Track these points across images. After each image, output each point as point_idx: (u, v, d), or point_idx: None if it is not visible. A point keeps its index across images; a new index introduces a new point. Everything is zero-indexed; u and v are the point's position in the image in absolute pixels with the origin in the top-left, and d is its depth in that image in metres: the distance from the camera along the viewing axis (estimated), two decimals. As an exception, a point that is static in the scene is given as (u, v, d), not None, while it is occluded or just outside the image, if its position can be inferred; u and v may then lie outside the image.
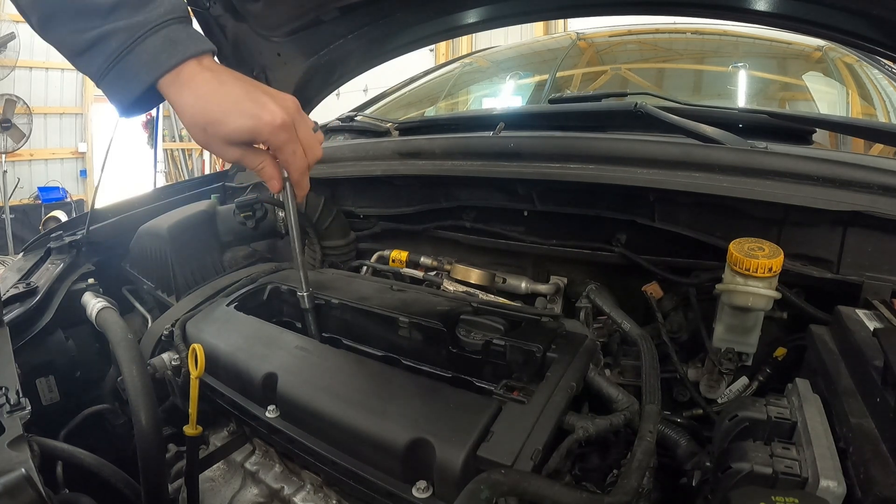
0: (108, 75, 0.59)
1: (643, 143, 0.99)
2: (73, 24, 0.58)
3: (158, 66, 0.59)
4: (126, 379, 0.84)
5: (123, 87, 0.60)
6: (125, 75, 0.59)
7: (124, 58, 0.58)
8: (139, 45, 0.58)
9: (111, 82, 0.60)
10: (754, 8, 0.94)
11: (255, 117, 0.62)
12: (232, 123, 0.61)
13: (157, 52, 0.59)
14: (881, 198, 0.80)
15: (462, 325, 0.86)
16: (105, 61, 0.58)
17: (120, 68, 0.58)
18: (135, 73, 0.59)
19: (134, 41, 0.58)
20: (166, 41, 0.59)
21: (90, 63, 0.59)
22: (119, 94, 0.60)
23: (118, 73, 0.59)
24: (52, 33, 0.59)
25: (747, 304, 0.78)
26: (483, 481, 0.54)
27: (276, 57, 1.39)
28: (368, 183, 1.36)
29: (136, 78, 0.59)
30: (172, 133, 8.73)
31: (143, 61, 0.58)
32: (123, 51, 0.58)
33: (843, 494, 0.51)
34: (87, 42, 0.58)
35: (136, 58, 0.58)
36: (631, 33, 2.07)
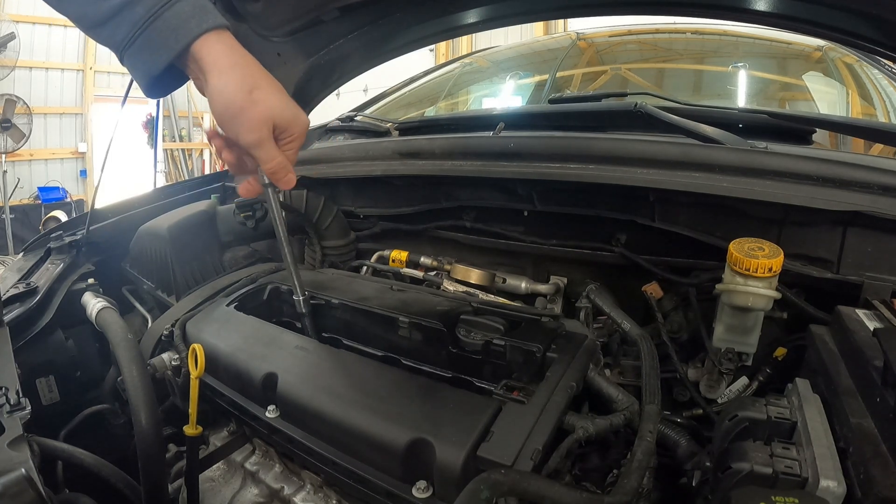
0: (134, 45, 0.56)
1: (643, 143, 0.99)
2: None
3: (189, 31, 0.56)
4: (126, 379, 0.84)
5: (150, 57, 0.57)
6: (152, 44, 0.56)
7: (151, 24, 0.55)
8: (168, 10, 0.56)
9: (136, 52, 0.57)
10: (754, 8, 0.94)
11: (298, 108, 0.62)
12: (280, 98, 0.61)
13: (187, 17, 0.56)
14: (881, 198, 0.80)
15: (462, 325, 0.86)
16: (131, 29, 0.56)
17: (147, 36, 0.56)
18: (164, 40, 0.56)
19: (163, 6, 0.55)
20: (195, 7, 0.57)
21: (114, 32, 0.57)
22: (145, 65, 0.58)
23: (145, 41, 0.56)
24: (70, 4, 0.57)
25: (747, 304, 0.78)
26: (483, 481, 0.54)
27: (276, 57, 1.39)
28: (368, 183, 1.35)
29: (166, 45, 0.56)
30: (172, 133, 8.73)
31: (173, 26, 0.56)
32: (151, 16, 0.55)
33: (843, 494, 0.51)
34: (110, 10, 0.55)
35: (165, 23, 0.56)
36: (631, 33, 2.07)
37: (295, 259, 0.90)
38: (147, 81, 0.59)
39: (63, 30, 7.12)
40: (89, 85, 7.49)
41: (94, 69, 7.51)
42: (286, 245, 0.86)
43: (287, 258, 0.87)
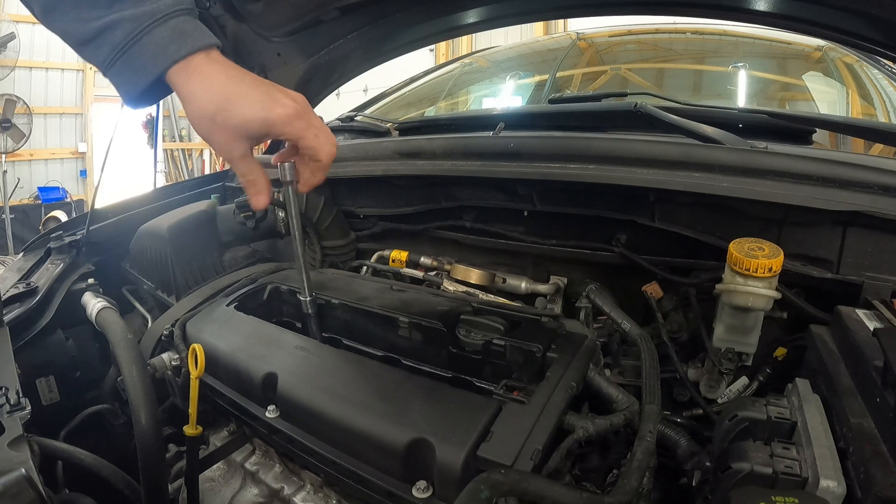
0: (115, 65, 0.58)
1: (643, 143, 0.99)
2: (76, 12, 0.56)
3: (167, 57, 0.58)
4: (126, 379, 0.84)
5: (130, 77, 0.58)
6: (132, 66, 0.58)
7: (131, 48, 0.57)
8: (146, 36, 0.57)
9: (118, 72, 0.58)
10: (754, 8, 0.94)
11: (267, 108, 0.61)
12: (245, 113, 0.60)
13: (165, 43, 0.57)
14: (881, 198, 0.80)
15: (462, 325, 0.86)
16: (111, 51, 0.57)
17: (127, 58, 0.57)
18: (142, 64, 0.57)
19: (141, 31, 0.57)
20: (175, 32, 0.58)
21: (96, 52, 0.58)
22: (126, 84, 0.59)
23: (125, 63, 0.58)
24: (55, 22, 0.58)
25: (747, 304, 0.78)
26: (483, 481, 0.54)
27: (276, 57, 1.39)
28: (368, 183, 1.35)
29: (144, 69, 0.58)
30: (172, 133, 8.73)
31: (151, 52, 0.57)
32: (130, 41, 0.57)
33: (843, 494, 0.51)
34: (92, 31, 0.57)
35: (143, 48, 0.57)
36: (631, 33, 2.07)
37: (307, 259, 0.90)
38: (129, 98, 0.61)
39: (63, 30, 7.12)
40: (89, 85, 7.49)
41: (94, 69, 7.51)
42: (300, 245, 0.86)
43: (299, 258, 0.87)
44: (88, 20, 0.56)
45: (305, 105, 0.65)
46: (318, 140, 0.66)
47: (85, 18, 0.56)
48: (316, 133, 0.65)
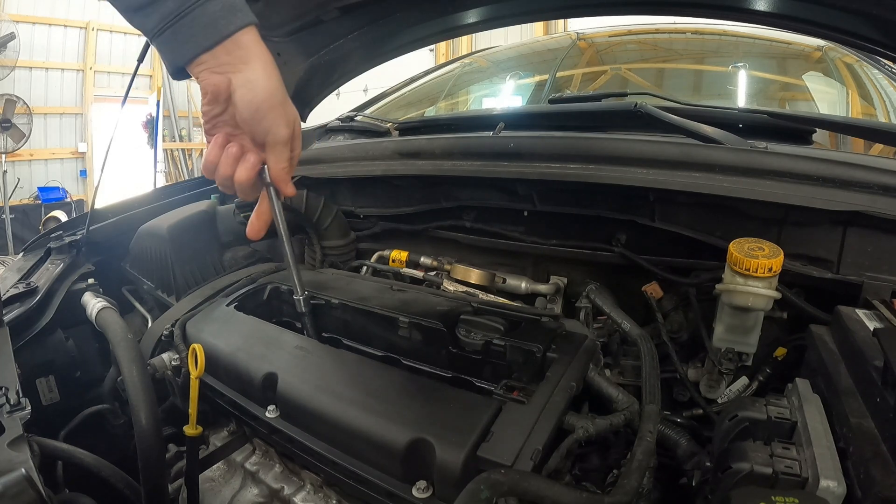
0: (163, 34, 0.58)
1: (643, 143, 0.99)
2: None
3: (217, 31, 0.58)
4: (126, 379, 0.84)
5: (177, 48, 0.59)
6: (180, 37, 0.58)
7: (181, 19, 0.57)
8: (198, 8, 0.57)
9: (165, 42, 0.59)
10: (754, 8, 0.94)
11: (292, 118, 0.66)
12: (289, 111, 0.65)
13: (217, 17, 0.58)
14: (881, 198, 0.80)
15: (462, 325, 0.86)
16: (160, 21, 0.57)
17: (175, 29, 0.57)
18: (192, 36, 0.58)
19: (193, 4, 0.57)
20: (226, 6, 0.59)
21: (145, 20, 0.58)
22: (172, 54, 0.59)
23: (174, 33, 0.58)
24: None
25: (747, 304, 0.78)
26: (483, 481, 0.54)
27: (276, 57, 1.38)
28: (368, 183, 1.35)
29: (193, 41, 0.58)
30: (172, 133, 8.73)
31: (203, 24, 0.58)
32: (182, 12, 0.57)
33: (843, 494, 0.51)
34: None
35: (194, 20, 0.57)
36: (631, 33, 2.07)
37: (296, 258, 0.90)
38: (173, 68, 0.61)
39: (63, 30, 7.13)
40: (89, 85, 7.49)
41: (94, 69, 7.52)
42: (288, 244, 0.86)
43: (288, 257, 0.87)
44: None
45: None
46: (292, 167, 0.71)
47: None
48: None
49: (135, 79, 1.31)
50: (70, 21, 7.14)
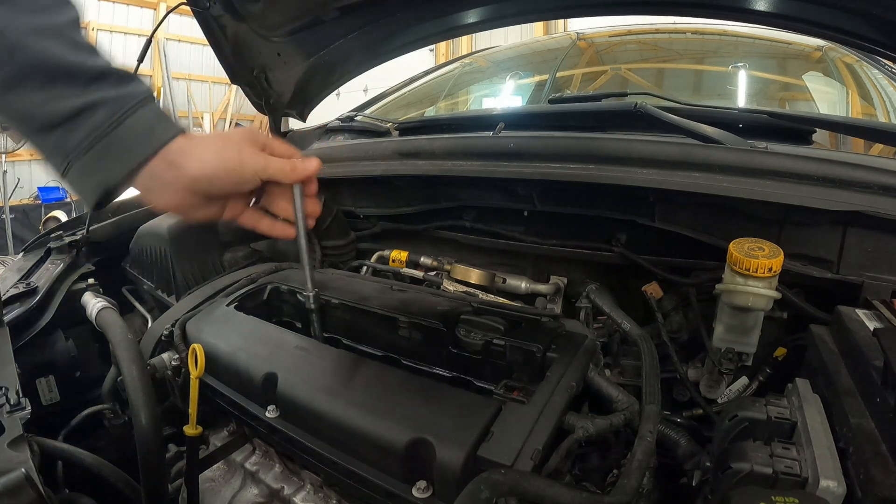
0: (91, 151, 0.51)
1: (643, 143, 0.99)
2: (45, 91, 0.49)
3: (157, 138, 0.53)
4: (126, 379, 0.84)
5: (109, 165, 0.52)
6: (114, 149, 0.52)
7: (114, 130, 0.51)
8: (132, 116, 0.52)
9: (91, 161, 0.51)
10: (754, 8, 0.94)
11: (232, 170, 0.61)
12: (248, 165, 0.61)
13: (153, 123, 0.53)
14: (881, 198, 0.80)
15: (462, 325, 0.86)
16: (89, 134, 0.50)
17: (109, 141, 0.51)
18: (128, 146, 0.52)
19: (126, 111, 0.52)
20: (159, 115, 0.54)
21: (65, 137, 0.51)
22: (101, 174, 0.52)
23: (105, 147, 0.51)
24: (15, 102, 0.49)
25: (747, 304, 0.78)
26: (483, 481, 0.54)
27: (276, 57, 1.39)
28: (368, 183, 1.35)
29: (130, 151, 0.52)
30: (172, 133, 8.73)
31: (139, 132, 0.52)
32: (114, 122, 0.51)
33: (843, 494, 0.51)
34: (64, 113, 0.50)
35: (128, 130, 0.52)
36: (631, 33, 2.07)
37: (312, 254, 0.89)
38: (100, 192, 0.53)
39: (63, 30, 7.12)
40: (89, 85, 7.48)
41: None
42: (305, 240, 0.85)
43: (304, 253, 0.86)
44: (61, 99, 0.49)
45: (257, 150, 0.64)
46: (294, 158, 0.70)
47: (57, 97, 0.49)
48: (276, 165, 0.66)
49: (135, 79, 1.30)
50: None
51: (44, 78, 0.49)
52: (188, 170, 0.56)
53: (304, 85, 1.48)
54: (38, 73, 0.49)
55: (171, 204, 0.58)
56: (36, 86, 0.49)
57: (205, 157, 0.57)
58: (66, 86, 0.50)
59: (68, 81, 0.50)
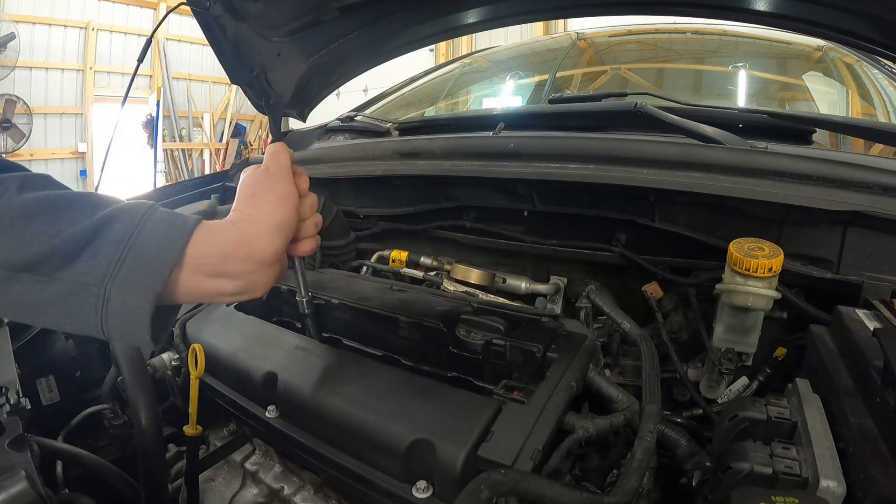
0: (121, 270, 0.44)
1: (643, 143, 0.99)
2: (56, 222, 0.44)
3: (182, 230, 0.47)
4: (126, 379, 0.84)
5: (144, 275, 0.45)
6: (144, 257, 0.45)
7: (138, 237, 0.45)
8: (149, 221, 0.46)
9: (126, 279, 0.44)
10: (754, 8, 0.94)
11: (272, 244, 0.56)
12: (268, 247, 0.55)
13: (171, 220, 0.48)
14: (881, 198, 0.80)
15: (462, 325, 0.86)
16: (115, 250, 0.44)
17: (137, 251, 0.45)
18: (158, 246, 0.46)
19: (142, 218, 0.46)
20: (170, 214, 0.49)
21: (91, 264, 0.44)
22: (146, 281, 0.45)
23: (135, 259, 0.45)
24: (23, 248, 0.42)
25: (747, 304, 0.78)
26: (483, 481, 0.54)
27: (276, 57, 1.38)
28: (368, 183, 1.35)
29: (162, 250, 0.46)
30: (172, 133, 8.73)
31: (163, 231, 0.47)
32: (135, 230, 0.45)
33: (843, 494, 0.51)
34: (80, 238, 0.43)
35: (152, 232, 0.46)
36: (631, 33, 2.07)
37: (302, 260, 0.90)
38: (150, 308, 0.45)
39: (63, 30, 7.13)
40: (89, 85, 7.49)
41: (94, 69, 7.51)
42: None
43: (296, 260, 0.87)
44: (73, 223, 0.44)
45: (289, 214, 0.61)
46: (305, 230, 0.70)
47: (69, 223, 0.44)
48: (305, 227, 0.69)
49: (135, 79, 1.31)
50: (70, 21, 7.14)
51: (50, 212, 0.44)
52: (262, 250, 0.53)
53: (304, 85, 1.47)
54: (43, 211, 0.44)
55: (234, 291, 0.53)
56: (43, 222, 0.43)
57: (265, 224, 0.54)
58: (75, 212, 0.45)
59: (76, 208, 0.45)
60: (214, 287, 0.50)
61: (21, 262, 0.42)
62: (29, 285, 0.43)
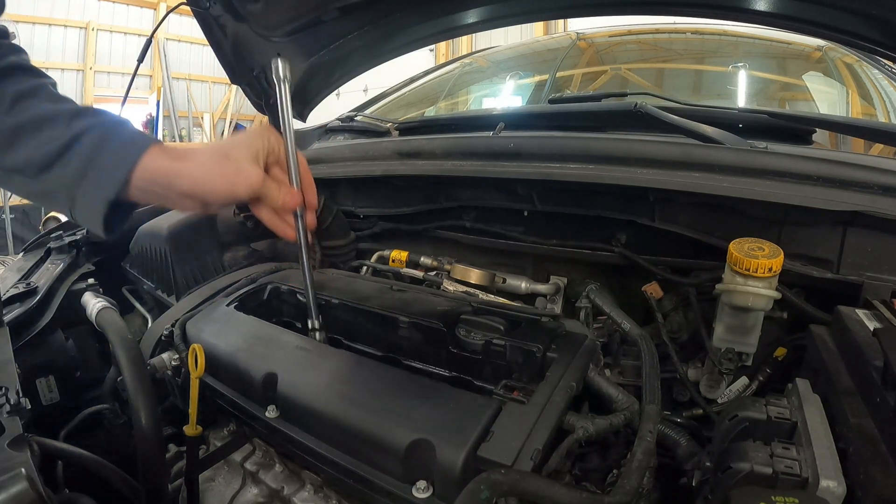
0: (87, 177, 0.57)
1: (643, 143, 0.99)
2: (37, 137, 0.56)
3: (140, 144, 0.58)
4: (126, 379, 0.84)
5: (106, 181, 0.57)
6: (107, 166, 0.57)
7: (101, 151, 0.57)
8: (113, 136, 0.58)
9: (91, 184, 0.57)
10: (754, 8, 0.94)
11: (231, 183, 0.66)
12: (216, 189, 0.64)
13: (133, 137, 0.59)
14: (881, 198, 0.80)
15: (462, 325, 0.86)
16: (82, 161, 0.56)
17: (101, 161, 0.57)
18: (119, 158, 0.57)
19: (106, 133, 0.58)
20: (133, 131, 0.60)
21: (64, 170, 0.57)
22: (101, 191, 0.57)
23: (100, 167, 0.57)
24: (13, 155, 0.56)
25: (747, 304, 0.78)
26: (483, 481, 0.54)
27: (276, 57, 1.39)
28: (368, 183, 1.36)
29: (122, 160, 0.57)
30: (172, 133, 8.74)
31: (123, 143, 0.58)
32: (99, 144, 0.57)
33: (843, 494, 0.51)
34: (55, 151, 0.56)
35: (114, 144, 0.58)
36: (631, 33, 2.07)
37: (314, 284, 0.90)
38: (104, 210, 0.58)
39: (63, 30, 7.13)
40: (89, 85, 7.49)
41: (94, 69, 7.52)
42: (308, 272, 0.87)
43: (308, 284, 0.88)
44: (50, 140, 0.56)
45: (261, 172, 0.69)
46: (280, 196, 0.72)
47: (47, 140, 0.56)
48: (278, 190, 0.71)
49: (135, 79, 1.31)
50: (70, 21, 7.14)
51: (33, 129, 0.56)
52: (178, 187, 0.61)
53: (304, 85, 1.48)
54: (30, 124, 0.56)
55: (175, 206, 0.65)
56: (28, 135, 0.56)
57: (196, 175, 0.62)
58: (51, 129, 0.57)
59: (53, 125, 0.57)
60: (156, 198, 0.62)
61: (13, 166, 0.57)
62: (20, 183, 0.58)
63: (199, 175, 0.62)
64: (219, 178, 0.63)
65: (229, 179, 0.64)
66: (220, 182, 0.63)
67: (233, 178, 0.64)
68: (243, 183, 0.65)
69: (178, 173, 0.60)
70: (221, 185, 0.63)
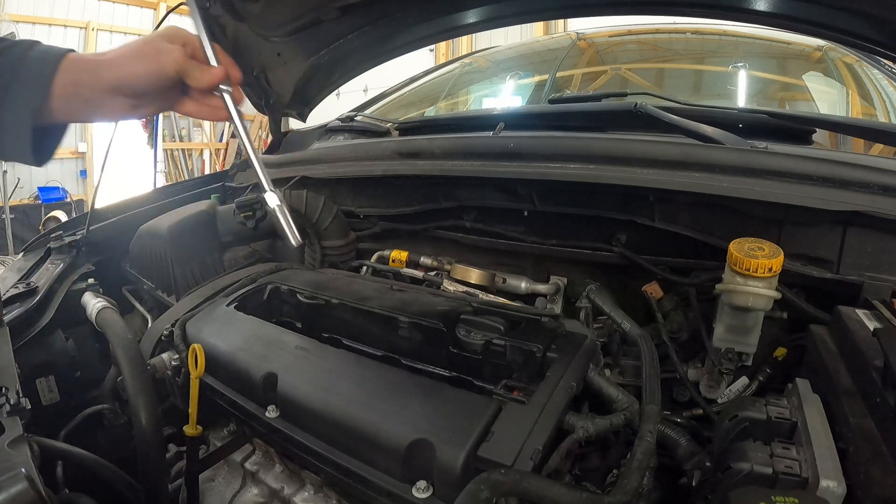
0: (10, 90, 0.58)
1: (643, 143, 0.99)
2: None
3: (59, 50, 0.60)
4: (126, 379, 0.84)
5: (29, 91, 0.58)
6: (28, 77, 0.58)
7: (23, 63, 0.58)
8: (33, 47, 0.60)
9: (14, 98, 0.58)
10: (754, 8, 0.94)
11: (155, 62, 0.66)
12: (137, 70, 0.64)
13: (50, 47, 0.60)
14: (881, 198, 0.80)
15: (462, 325, 0.86)
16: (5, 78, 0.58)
17: (22, 72, 0.58)
18: (40, 62, 0.59)
19: (27, 47, 0.59)
20: (44, 50, 0.61)
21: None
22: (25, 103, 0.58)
23: (21, 80, 0.58)
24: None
25: (747, 304, 0.78)
26: (483, 481, 0.54)
27: (276, 57, 1.39)
28: (368, 183, 1.36)
29: (43, 64, 0.58)
30: (172, 133, 8.73)
31: (43, 50, 0.60)
32: (21, 56, 0.58)
33: (843, 494, 0.51)
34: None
35: (35, 52, 0.59)
36: (631, 33, 2.07)
37: (258, 153, 0.83)
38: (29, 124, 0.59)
39: (63, 30, 7.12)
40: (89, 85, 7.48)
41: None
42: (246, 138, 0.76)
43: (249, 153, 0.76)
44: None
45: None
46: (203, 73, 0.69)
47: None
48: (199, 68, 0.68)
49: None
50: (70, 21, 7.13)
51: None
52: (104, 80, 0.61)
53: (304, 85, 1.48)
54: None
55: (103, 110, 0.64)
56: None
57: (120, 61, 0.62)
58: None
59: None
60: (82, 104, 0.61)
61: None
62: None
63: (122, 61, 0.62)
64: (143, 60, 0.63)
65: (153, 58, 0.64)
66: (145, 63, 0.63)
67: (156, 57, 0.64)
68: (167, 59, 0.65)
69: (101, 65, 0.61)
70: (147, 65, 0.63)
